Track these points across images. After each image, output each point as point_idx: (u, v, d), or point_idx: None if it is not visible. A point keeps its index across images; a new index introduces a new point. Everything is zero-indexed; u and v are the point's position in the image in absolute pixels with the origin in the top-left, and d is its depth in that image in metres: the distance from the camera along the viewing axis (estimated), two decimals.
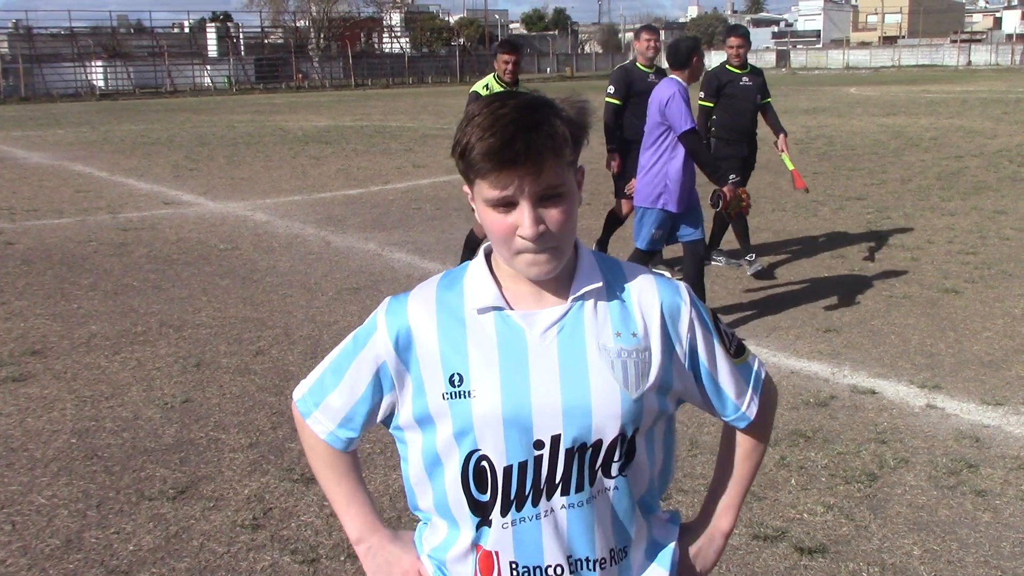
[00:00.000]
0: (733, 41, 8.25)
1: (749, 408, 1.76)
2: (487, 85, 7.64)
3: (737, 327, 6.77)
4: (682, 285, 1.73)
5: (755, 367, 1.79)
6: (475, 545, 1.66)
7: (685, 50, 6.36)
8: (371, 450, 4.69)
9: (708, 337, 1.71)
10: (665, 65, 6.99)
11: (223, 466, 4.63)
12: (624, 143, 8.28)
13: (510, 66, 7.59)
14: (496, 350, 1.61)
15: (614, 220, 8.71)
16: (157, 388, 5.73)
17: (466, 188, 1.61)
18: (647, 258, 6.60)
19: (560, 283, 1.64)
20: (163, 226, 11.28)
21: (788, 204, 11.81)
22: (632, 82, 8.22)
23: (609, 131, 8.34)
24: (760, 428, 1.82)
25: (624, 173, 8.20)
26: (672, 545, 1.78)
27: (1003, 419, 5.05)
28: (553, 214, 1.54)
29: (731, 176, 7.43)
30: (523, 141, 1.48)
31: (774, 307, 7.27)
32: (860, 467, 4.48)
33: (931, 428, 4.94)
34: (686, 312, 1.68)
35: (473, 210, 1.63)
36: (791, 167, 8.43)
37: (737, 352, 1.76)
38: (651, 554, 1.75)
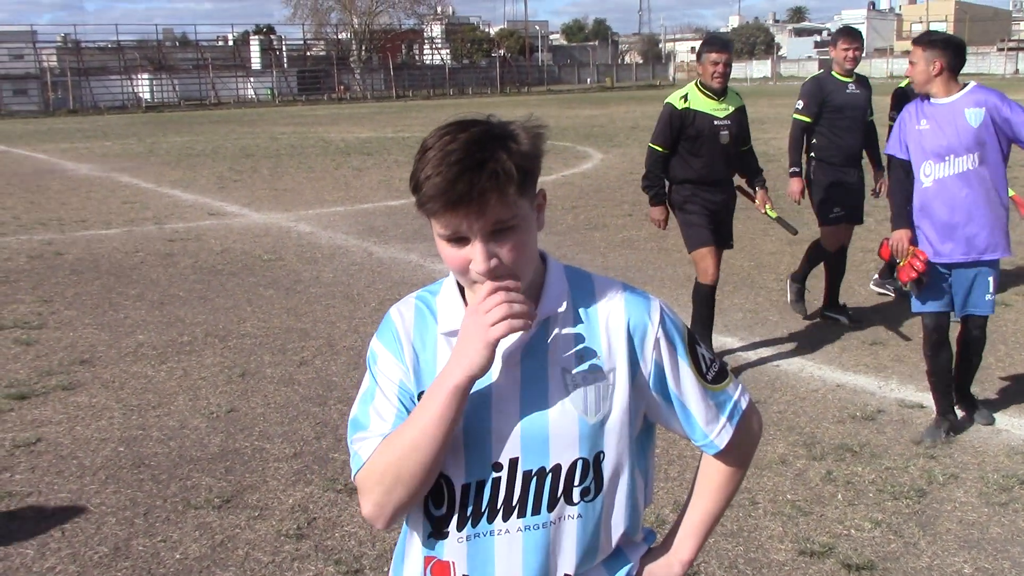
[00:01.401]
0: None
1: (720, 436, 1.72)
2: (686, 95, 6.10)
3: (781, 340, 6.71)
4: (656, 303, 1.70)
5: (735, 396, 1.75)
6: (428, 557, 1.69)
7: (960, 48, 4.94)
8: None
9: (675, 358, 1.68)
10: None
11: (268, 476, 4.66)
12: (812, 164, 7.11)
13: (720, 67, 6.01)
14: None
15: (820, 254, 7.29)
16: (203, 397, 5.79)
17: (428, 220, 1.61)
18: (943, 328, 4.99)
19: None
20: (208, 237, 11.41)
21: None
22: (828, 95, 6.95)
23: (794, 151, 7.08)
24: (733, 458, 1.78)
25: (829, 200, 7.06)
26: (631, 564, 1.76)
27: None
28: (506, 248, 1.54)
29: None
30: (465, 182, 1.48)
31: (819, 320, 7.20)
32: (908, 482, 4.42)
33: (981, 443, 4.86)
34: (652, 332, 1.66)
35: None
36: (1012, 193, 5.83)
37: (715, 379, 1.73)
38: (611, 568, 1.74)
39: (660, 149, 6.13)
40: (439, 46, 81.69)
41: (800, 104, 7.09)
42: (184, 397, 5.81)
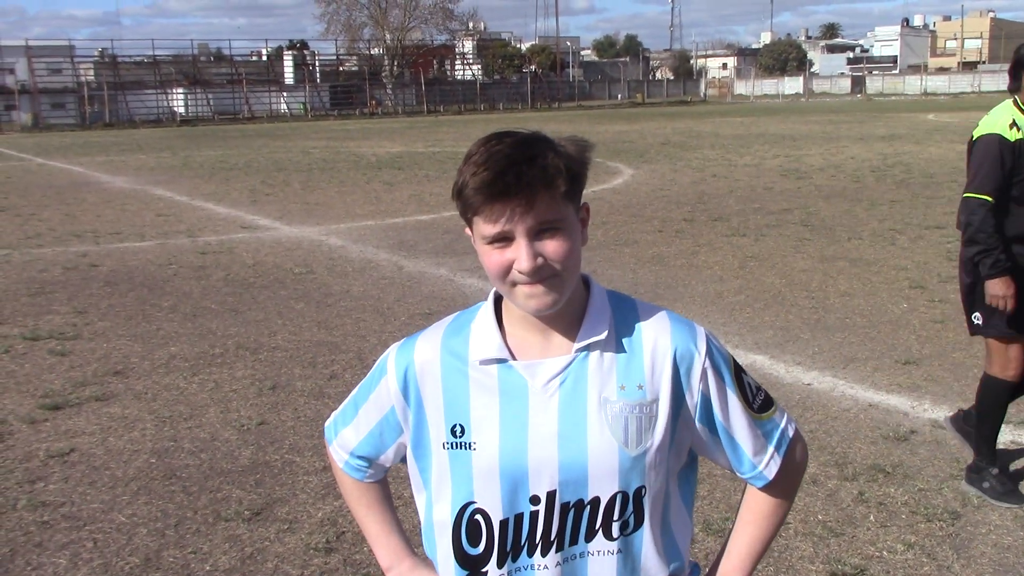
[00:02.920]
0: None
1: (768, 467, 1.68)
2: (1014, 121, 4.27)
3: (812, 358, 6.66)
4: (701, 331, 1.66)
5: (782, 424, 1.71)
6: None
7: None
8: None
9: (723, 388, 1.63)
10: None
11: (297, 489, 4.68)
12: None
13: None
14: (497, 402, 1.59)
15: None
16: (234, 410, 5.83)
17: (468, 230, 1.59)
18: None
19: (567, 327, 1.60)
20: (240, 250, 11.51)
21: (864, 232, 11.61)
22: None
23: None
24: (780, 490, 1.73)
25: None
26: None
27: None
28: (550, 246, 1.51)
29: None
30: (514, 173, 1.46)
31: (851, 338, 7.14)
32: (942, 505, 4.36)
33: (1017, 466, 4.79)
34: (699, 361, 1.61)
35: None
36: None
37: (762, 408, 1.68)
38: None
39: (989, 199, 4.29)
40: (470, 62, 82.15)
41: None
42: (215, 409, 5.85)
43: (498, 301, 1.67)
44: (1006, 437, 5.01)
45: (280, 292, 9.12)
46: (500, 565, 1.61)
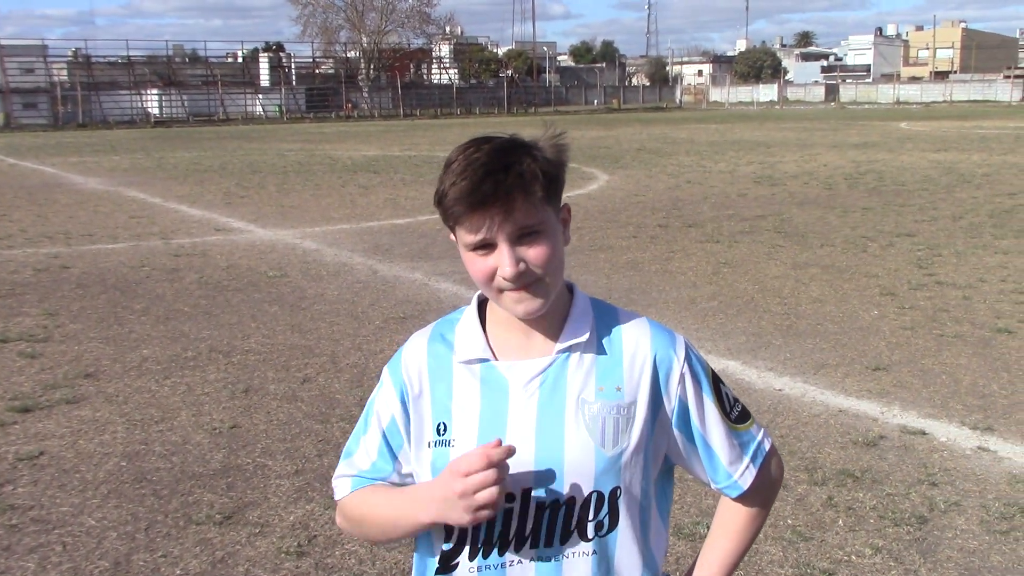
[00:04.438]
0: None
1: (743, 477, 1.69)
2: None
3: (784, 364, 6.72)
4: (680, 338, 1.68)
5: (759, 437, 1.72)
6: None
7: None
8: None
9: (700, 395, 1.65)
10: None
11: (269, 492, 4.67)
12: None
13: None
14: (478, 400, 1.62)
15: None
16: (206, 413, 5.80)
17: (452, 236, 1.60)
18: None
19: (550, 330, 1.63)
20: (214, 252, 11.45)
21: (837, 239, 11.71)
22: None
23: None
24: (754, 502, 1.73)
25: None
26: None
27: None
28: (532, 251, 1.53)
29: None
30: (492, 182, 1.48)
31: (822, 344, 7.20)
32: (910, 509, 4.41)
33: (983, 471, 4.85)
34: (678, 367, 1.64)
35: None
36: None
37: (739, 419, 1.70)
38: None
39: None
40: (447, 66, 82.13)
41: None
42: (187, 412, 5.82)
43: (482, 304, 1.69)
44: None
45: (254, 295, 9.09)
46: (471, 559, 1.62)
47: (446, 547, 1.64)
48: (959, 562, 3.95)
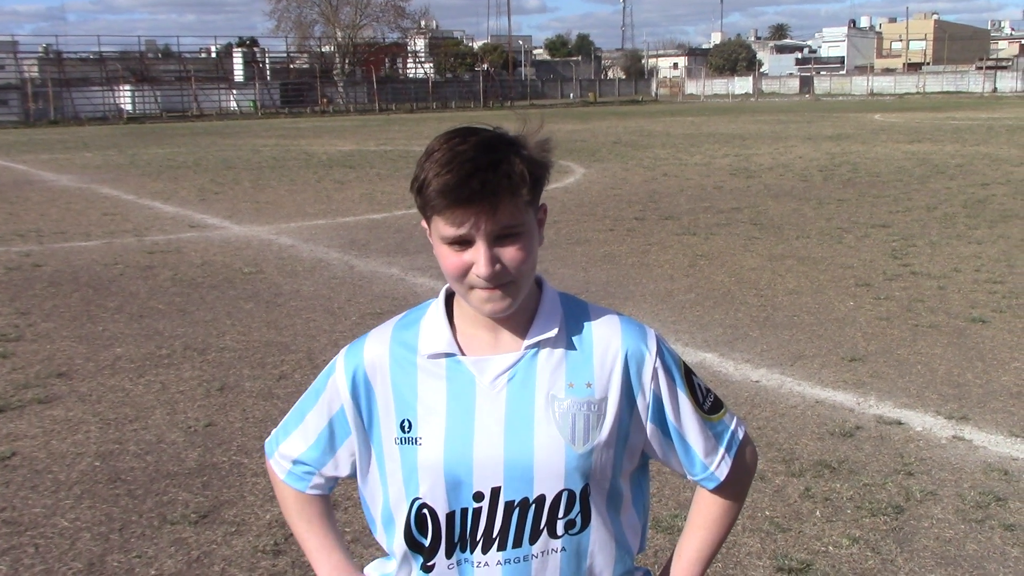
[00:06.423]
0: None
1: (719, 468, 1.68)
2: None
3: (761, 356, 6.73)
4: (651, 332, 1.66)
5: (732, 426, 1.72)
6: None
7: None
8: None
9: (674, 389, 1.64)
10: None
11: (245, 491, 4.63)
12: None
13: None
14: (445, 397, 1.59)
15: None
16: (181, 411, 5.75)
17: (424, 224, 1.57)
18: None
19: (518, 326, 1.60)
20: (188, 249, 11.36)
21: (812, 231, 11.76)
22: None
23: None
24: (731, 492, 1.73)
25: None
26: None
27: None
28: (509, 252, 1.50)
29: None
30: (479, 179, 1.44)
31: (799, 336, 7.23)
32: (886, 499, 4.43)
33: (959, 460, 4.88)
34: (650, 361, 1.62)
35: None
36: None
37: (712, 409, 1.69)
38: None
39: None
40: (422, 60, 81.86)
41: None
42: (162, 411, 5.77)
43: (449, 298, 1.66)
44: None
45: (229, 292, 9.02)
46: (448, 555, 1.60)
47: (423, 542, 1.62)
48: (935, 551, 3.97)
